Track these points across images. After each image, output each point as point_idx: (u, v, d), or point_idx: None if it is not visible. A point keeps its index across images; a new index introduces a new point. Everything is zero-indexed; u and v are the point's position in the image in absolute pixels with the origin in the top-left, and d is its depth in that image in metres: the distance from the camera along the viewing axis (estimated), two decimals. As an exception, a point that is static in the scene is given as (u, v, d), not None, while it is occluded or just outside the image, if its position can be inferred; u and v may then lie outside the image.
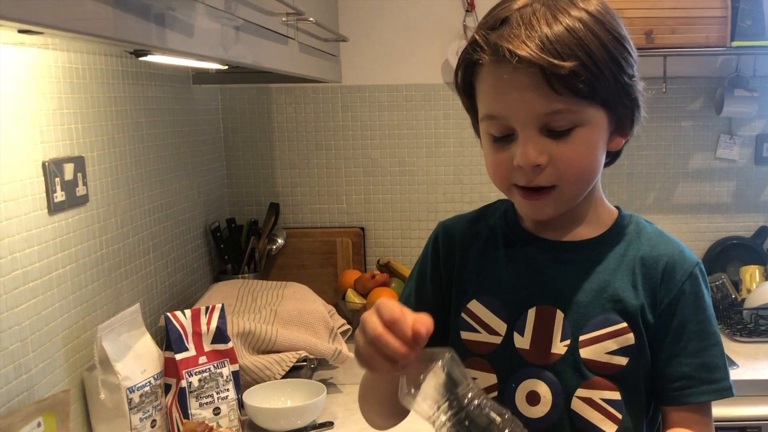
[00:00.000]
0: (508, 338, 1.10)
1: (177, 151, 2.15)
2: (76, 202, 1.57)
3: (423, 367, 0.94)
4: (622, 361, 1.07)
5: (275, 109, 2.61)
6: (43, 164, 1.46)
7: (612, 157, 1.12)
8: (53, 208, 1.48)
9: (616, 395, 1.08)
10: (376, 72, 2.54)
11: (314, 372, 2.02)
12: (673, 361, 1.08)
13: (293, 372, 1.92)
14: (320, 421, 1.77)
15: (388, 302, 0.95)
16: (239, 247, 2.49)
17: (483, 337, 1.12)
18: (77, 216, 1.58)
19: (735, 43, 2.27)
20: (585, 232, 1.11)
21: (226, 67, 1.72)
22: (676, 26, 2.28)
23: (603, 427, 1.08)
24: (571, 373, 1.08)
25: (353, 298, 2.39)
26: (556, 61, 0.97)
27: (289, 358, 1.91)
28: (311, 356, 1.95)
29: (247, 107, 2.61)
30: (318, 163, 2.64)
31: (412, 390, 0.95)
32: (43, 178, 1.46)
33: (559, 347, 1.08)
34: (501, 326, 1.11)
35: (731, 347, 2.25)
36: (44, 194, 1.46)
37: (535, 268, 1.11)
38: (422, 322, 0.91)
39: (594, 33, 1.00)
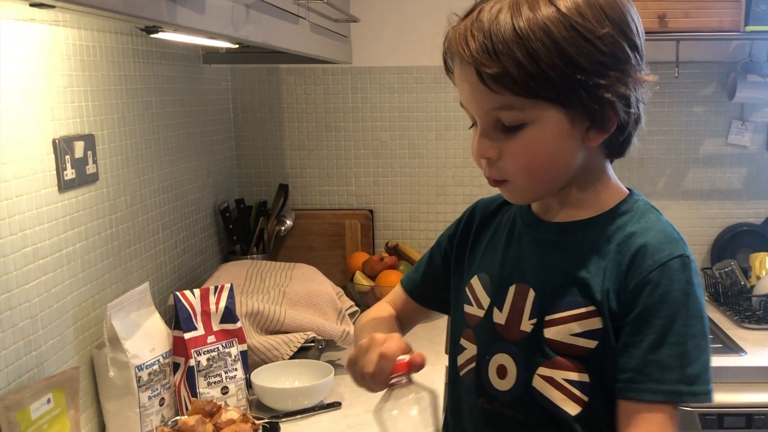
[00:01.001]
0: (489, 312, 1.15)
1: (187, 131, 2.15)
2: (86, 180, 1.57)
3: (403, 394, 1.07)
4: (590, 344, 1.05)
5: (285, 90, 2.61)
6: (54, 141, 1.45)
7: (614, 148, 1.08)
8: (63, 186, 1.48)
9: (583, 377, 1.06)
10: (387, 53, 2.53)
11: (322, 353, 2.02)
12: (626, 352, 1.03)
13: (301, 353, 1.93)
14: (327, 401, 1.78)
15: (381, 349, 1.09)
16: (248, 228, 2.49)
17: (474, 310, 1.18)
18: (87, 194, 1.58)
19: (749, 28, 2.25)
20: (580, 214, 1.10)
21: (237, 46, 1.71)
22: (690, 10, 2.26)
23: (565, 408, 1.07)
24: (535, 351, 1.09)
25: (361, 280, 2.39)
26: (484, 62, 0.98)
27: (297, 339, 1.92)
28: (319, 337, 1.95)
29: (257, 88, 2.61)
30: (327, 144, 2.63)
31: (386, 407, 1.07)
32: (53, 156, 1.45)
33: (527, 325, 1.10)
34: (486, 301, 1.16)
35: (739, 334, 2.24)
36: (54, 172, 1.46)
37: (521, 247, 1.14)
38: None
39: (547, 32, 0.97)
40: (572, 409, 1.07)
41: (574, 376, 1.06)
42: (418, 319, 1.36)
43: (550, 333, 1.07)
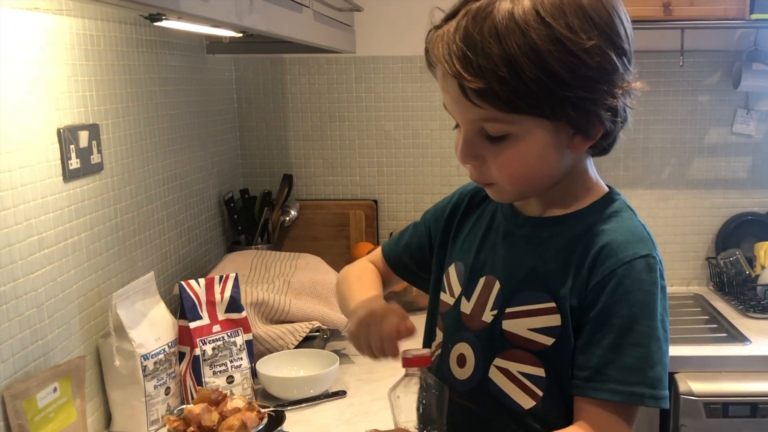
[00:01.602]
0: (458, 301, 1.16)
1: (191, 121, 2.15)
2: (90, 170, 1.57)
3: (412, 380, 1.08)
4: (547, 341, 1.04)
5: (289, 80, 2.60)
6: (58, 131, 1.45)
7: (599, 150, 1.06)
8: (68, 176, 1.48)
9: (539, 371, 1.05)
10: (391, 43, 2.53)
11: (327, 342, 2.02)
12: (585, 350, 1.02)
13: (306, 342, 1.93)
14: (332, 390, 1.78)
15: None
16: (252, 218, 2.49)
17: (446, 297, 1.19)
18: (92, 184, 1.58)
19: (754, 16, 2.24)
20: (556, 211, 1.09)
21: (240, 34, 1.71)
22: (695, -2, 2.25)
23: (518, 401, 1.07)
24: (493, 342, 1.09)
25: (366, 270, 2.38)
26: (467, 77, 0.96)
27: (302, 329, 1.92)
28: (324, 327, 1.96)
29: (261, 78, 2.60)
30: (331, 134, 2.63)
31: (397, 391, 1.09)
32: (58, 145, 1.46)
33: (488, 315, 1.10)
34: (458, 289, 1.17)
35: (744, 323, 2.24)
36: (59, 161, 1.46)
37: (496, 239, 1.14)
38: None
39: (533, 46, 0.94)
40: (526, 402, 1.07)
41: (529, 369, 1.06)
42: (391, 285, 1.36)
43: (508, 325, 1.08)
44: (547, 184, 1.06)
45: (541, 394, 1.06)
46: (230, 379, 1.70)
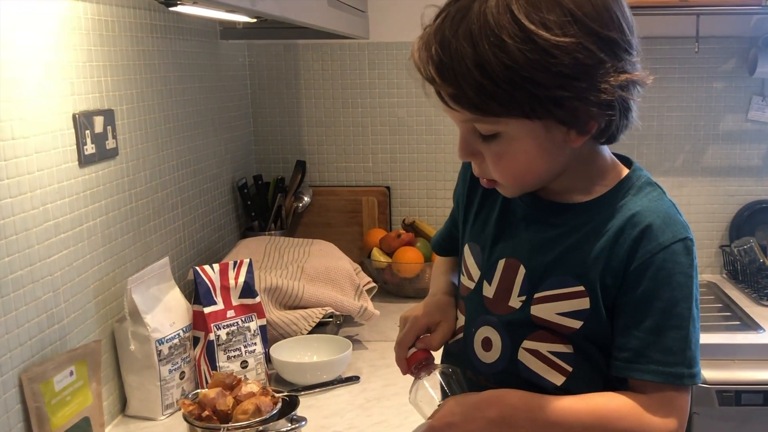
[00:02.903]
0: (479, 285, 1.15)
1: (204, 107, 2.15)
2: (105, 155, 1.57)
3: (429, 377, 1.15)
4: (575, 324, 1.05)
5: (302, 66, 2.60)
6: (74, 116, 1.46)
7: (604, 138, 1.04)
8: (84, 161, 1.49)
9: (567, 348, 1.07)
10: (404, 29, 2.50)
11: (340, 328, 2.03)
12: (627, 332, 1.03)
13: (319, 328, 1.94)
14: (345, 376, 1.79)
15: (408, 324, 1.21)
16: (266, 204, 2.49)
17: (465, 280, 1.19)
18: (107, 169, 1.59)
19: (771, 2, 2.22)
20: (579, 197, 1.08)
21: (255, 20, 1.71)
22: (711, -16, 2.24)
23: (549, 378, 1.08)
24: (520, 326, 1.09)
25: (379, 256, 2.39)
26: (440, 83, 0.96)
27: (316, 314, 1.92)
28: (337, 313, 1.96)
29: (274, 64, 2.60)
30: (344, 121, 2.63)
31: (416, 392, 1.14)
32: (73, 131, 1.46)
33: (515, 301, 1.10)
34: (477, 273, 1.16)
35: (758, 311, 2.24)
36: (75, 146, 1.47)
37: (515, 222, 1.13)
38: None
39: (504, 48, 0.91)
40: (557, 379, 1.08)
41: (558, 348, 1.07)
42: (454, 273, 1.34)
43: (536, 310, 1.08)
44: (549, 177, 1.06)
45: (570, 369, 1.07)
46: (244, 364, 1.71)
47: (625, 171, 1.10)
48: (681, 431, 1.04)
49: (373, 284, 2.17)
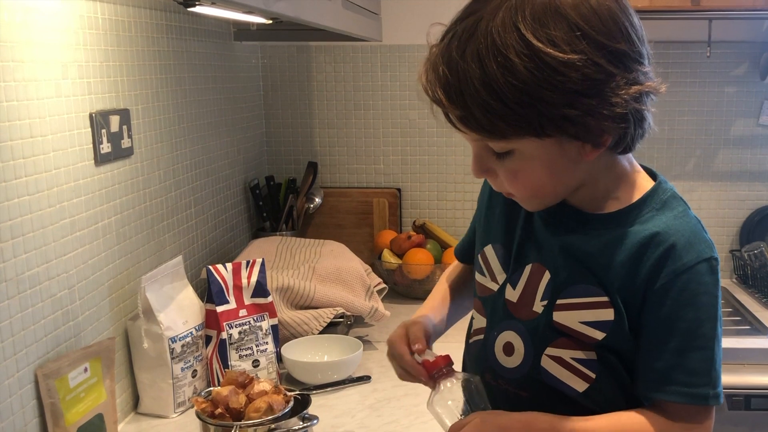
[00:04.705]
0: (502, 288, 1.15)
1: (218, 108, 2.17)
2: (121, 154, 1.59)
3: (449, 384, 1.12)
4: (598, 335, 1.05)
5: (315, 68, 2.61)
6: (90, 116, 1.47)
7: (621, 149, 1.02)
8: (100, 159, 1.50)
9: (590, 355, 1.06)
10: (417, 31, 2.50)
11: (350, 329, 2.04)
12: (651, 353, 1.03)
13: (330, 328, 1.95)
14: (356, 376, 1.79)
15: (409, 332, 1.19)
16: (278, 205, 2.51)
17: (486, 281, 1.18)
18: (122, 168, 1.60)
19: (783, 7, 2.23)
20: (606, 205, 1.07)
21: (270, 21, 1.72)
22: (723, -12, 2.24)
23: (572, 385, 1.08)
24: (543, 332, 1.09)
25: (389, 258, 2.40)
26: (447, 105, 0.95)
27: (327, 314, 1.93)
28: (348, 313, 1.97)
29: (287, 65, 2.62)
30: (356, 123, 2.64)
31: (433, 400, 1.13)
32: (90, 130, 1.48)
33: (538, 306, 1.10)
34: (501, 275, 1.15)
35: (767, 316, 2.24)
36: (91, 145, 1.48)
37: (543, 228, 1.12)
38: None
39: (511, 68, 0.90)
40: (580, 385, 1.08)
41: (581, 354, 1.07)
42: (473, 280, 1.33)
43: (559, 317, 1.08)
44: (567, 191, 1.06)
45: (594, 375, 1.07)
46: (256, 363, 1.72)
47: (650, 183, 1.08)
48: None
49: (384, 285, 2.18)
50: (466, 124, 0.96)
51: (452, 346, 1.30)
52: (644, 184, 1.08)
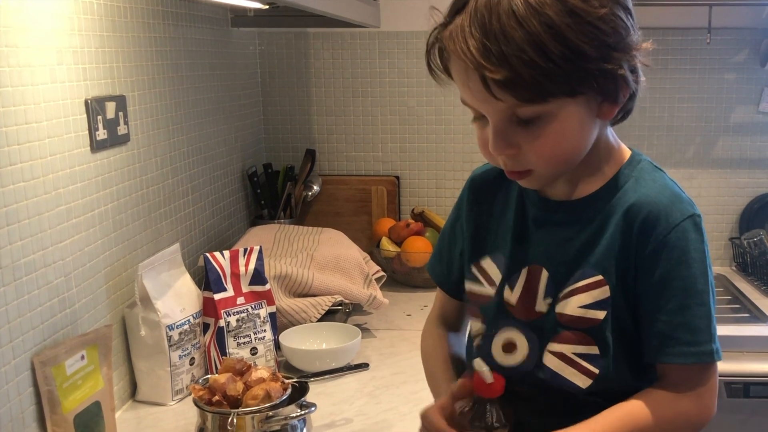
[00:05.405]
0: (500, 290, 1.14)
1: (215, 95, 2.15)
2: (117, 141, 1.58)
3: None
4: (599, 314, 1.05)
5: (312, 55, 2.60)
6: (86, 102, 1.46)
7: (621, 115, 1.07)
8: (95, 146, 1.49)
9: (592, 350, 1.06)
10: (415, 18, 2.50)
11: (349, 317, 2.03)
12: (652, 317, 1.03)
13: (328, 316, 1.94)
14: (354, 363, 1.79)
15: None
16: (275, 193, 2.50)
17: (482, 289, 1.17)
18: (119, 155, 1.59)
19: (784, -7, 2.22)
20: (586, 188, 1.09)
21: (267, 6, 1.71)
22: (724, -25, 2.23)
23: (575, 381, 1.07)
24: (547, 329, 1.09)
25: (387, 246, 2.39)
26: (490, 67, 0.93)
27: (325, 302, 1.93)
28: (346, 301, 1.97)
29: (285, 52, 2.60)
30: (354, 110, 2.63)
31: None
32: (85, 116, 1.46)
33: (542, 305, 1.10)
34: (498, 278, 1.15)
35: (767, 304, 2.24)
36: (87, 132, 1.47)
37: (533, 228, 1.12)
38: None
39: (551, 24, 0.92)
40: (583, 382, 1.07)
41: (583, 349, 1.06)
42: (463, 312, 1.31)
43: (561, 308, 1.08)
44: (580, 158, 1.06)
45: (597, 371, 1.06)
46: (254, 351, 1.71)
47: (627, 155, 1.11)
48: (714, 408, 1.05)
49: (382, 273, 2.17)
50: (508, 88, 0.95)
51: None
52: (622, 156, 1.11)
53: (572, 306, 1.06)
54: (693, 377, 1.04)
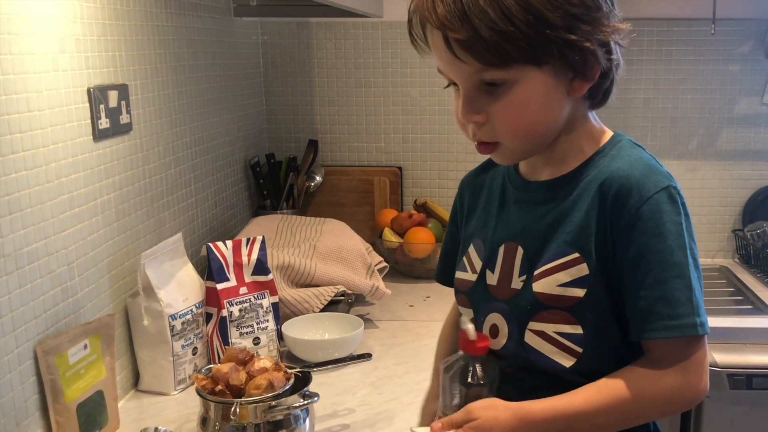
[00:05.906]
0: (482, 275, 1.15)
1: (217, 84, 2.15)
2: (119, 130, 1.57)
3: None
4: (578, 293, 1.04)
5: (315, 45, 2.59)
6: (88, 90, 1.46)
7: (598, 97, 1.07)
8: (98, 135, 1.49)
9: (575, 329, 1.05)
10: (418, 8, 2.50)
11: (351, 307, 2.03)
12: (634, 294, 1.01)
13: (331, 306, 1.94)
14: (357, 353, 1.79)
15: None
16: (278, 183, 2.49)
17: (466, 275, 1.18)
18: (121, 144, 1.59)
19: (790, -16, 2.20)
20: (564, 168, 1.09)
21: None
22: (729, -35, 2.21)
23: (558, 360, 1.07)
24: (524, 307, 1.09)
25: (390, 236, 2.39)
26: (452, 27, 0.96)
27: (328, 293, 1.93)
28: (349, 291, 1.96)
29: (287, 42, 2.59)
30: (357, 100, 2.62)
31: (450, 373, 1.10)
32: (88, 105, 1.46)
33: (517, 282, 1.10)
34: (479, 264, 1.16)
35: (770, 296, 2.24)
36: (89, 120, 1.47)
37: (510, 209, 1.14)
38: None
39: None
40: (566, 361, 1.07)
41: (565, 328, 1.06)
42: None
43: (538, 286, 1.07)
44: (551, 134, 1.06)
45: (580, 350, 1.06)
46: (256, 341, 1.71)
47: (608, 136, 1.11)
48: (702, 384, 1.02)
49: (385, 264, 2.17)
50: (470, 49, 0.97)
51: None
52: (603, 137, 1.11)
53: (550, 284, 1.06)
54: (676, 352, 1.01)
